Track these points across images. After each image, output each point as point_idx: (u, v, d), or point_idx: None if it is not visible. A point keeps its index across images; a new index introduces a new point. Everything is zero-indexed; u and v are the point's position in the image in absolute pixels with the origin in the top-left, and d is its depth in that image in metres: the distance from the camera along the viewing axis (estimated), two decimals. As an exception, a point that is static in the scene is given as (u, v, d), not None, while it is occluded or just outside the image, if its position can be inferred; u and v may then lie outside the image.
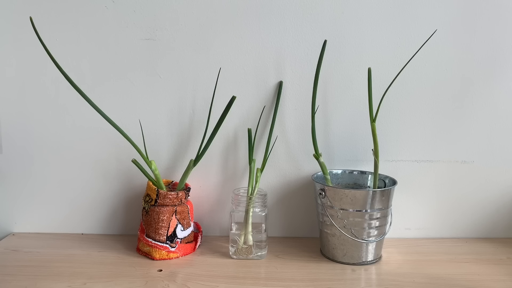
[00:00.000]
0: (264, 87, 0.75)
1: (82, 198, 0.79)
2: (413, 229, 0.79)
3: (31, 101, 0.75)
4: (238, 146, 0.77)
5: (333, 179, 0.75)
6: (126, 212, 0.79)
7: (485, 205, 0.78)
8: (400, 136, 0.76)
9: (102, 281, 0.61)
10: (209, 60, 0.74)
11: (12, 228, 0.80)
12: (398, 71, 0.66)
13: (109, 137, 0.76)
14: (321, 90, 0.74)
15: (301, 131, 0.76)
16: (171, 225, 0.69)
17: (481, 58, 0.74)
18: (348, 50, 0.73)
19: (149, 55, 0.74)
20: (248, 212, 0.69)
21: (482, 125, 0.76)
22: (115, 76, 0.74)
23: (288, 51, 0.74)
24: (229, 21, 0.73)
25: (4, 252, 0.71)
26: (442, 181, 0.77)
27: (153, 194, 0.69)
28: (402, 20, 0.72)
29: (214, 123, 0.70)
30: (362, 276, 0.64)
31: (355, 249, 0.67)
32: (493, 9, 0.72)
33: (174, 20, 0.73)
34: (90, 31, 0.73)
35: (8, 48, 0.74)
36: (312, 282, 0.62)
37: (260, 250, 0.70)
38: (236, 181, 0.78)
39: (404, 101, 0.75)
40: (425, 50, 0.67)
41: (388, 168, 0.76)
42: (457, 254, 0.72)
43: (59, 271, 0.65)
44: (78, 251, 0.72)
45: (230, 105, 0.67)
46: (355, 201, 0.65)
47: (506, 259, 0.70)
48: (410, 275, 0.64)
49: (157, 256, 0.69)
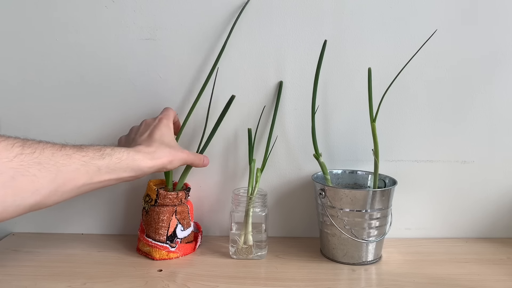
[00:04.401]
0: (264, 87, 0.75)
1: (82, 198, 0.78)
2: (413, 229, 0.79)
3: (31, 101, 0.75)
4: (238, 146, 0.77)
5: (333, 179, 0.75)
6: (126, 212, 0.79)
7: (485, 205, 0.78)
8: (400, 136, 0.76)
9: (102, 281, 0.61)
10: (209, 60, 0.74)
11: (12, 228, 0.80)
12: (398, 71, 0.66)
13: (109, 137, 0.76)
14: (321, 90, 0.74)
15: (301, 131, 0.76)
16: (171, 225, 0.69)
17: (481, 58, 0.74)
18: (348, 50, 0.73)
19: (149, 55, 0.74)
20: (248, 212, 0.69)
21: (482, 125, 0.76)
22: (115, 76, 0.74)
23: (288, 51, 0.74)
24: (229, 21, 0.73)
25: (4, 252, 0.71)
26: (442, 181, 0.77)
27: (153, 194, 0.69)
28: (402, 20, 0.72)
29: (214, 122, 0.71)
30: (362, 276, 0.64)
31: (355, 249, 0.67)
32: (493, 9, 0.72)
33: (174, 20, 0.73)
34: (90, 31, 0.73)
35: (9, 48, 0.74)
36: (312, 282, 0.62)
37: (260, 250, 0.70)
38: (236, 181, 0.78)
39: (404, 101, 0.75)
40: (425, 50, 0.67)
41: (388, 168, 0.76)
42: (457, 254, 0.72)
43: (59, 271, 0.65)
44: (78, 251, 0.72)
45: (229, 104, 0.67)
46: (355, 201, 0.65)
47: (506, 259, 0.70)
48: (410, 275, 0.64)
49: (157, 256, 0.69)
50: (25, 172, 0.44)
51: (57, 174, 0.47)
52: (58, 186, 0.47)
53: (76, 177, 0.49)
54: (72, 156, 0.49)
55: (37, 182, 0.45)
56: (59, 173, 0.47)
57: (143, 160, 0.57)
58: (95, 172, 0.51)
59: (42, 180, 0.45)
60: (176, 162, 0.62)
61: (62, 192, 0.48)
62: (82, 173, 0.49)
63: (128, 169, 0.55)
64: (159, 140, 0.62)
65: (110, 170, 0.53)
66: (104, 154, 0.52)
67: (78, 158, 0.49)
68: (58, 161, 0.47)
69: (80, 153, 0.50)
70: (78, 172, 0.49)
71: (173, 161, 0.61)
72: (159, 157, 0.59)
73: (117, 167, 0.53)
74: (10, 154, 0.43)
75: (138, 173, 0.56)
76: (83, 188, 0.51)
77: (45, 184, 0.46)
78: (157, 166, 0.59)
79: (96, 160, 0.51)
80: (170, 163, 0.61)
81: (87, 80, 0.75)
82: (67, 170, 0.48)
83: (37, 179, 0.45)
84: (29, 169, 0.44)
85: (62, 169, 0.47)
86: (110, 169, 0.53)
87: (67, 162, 0.48)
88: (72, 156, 0.49)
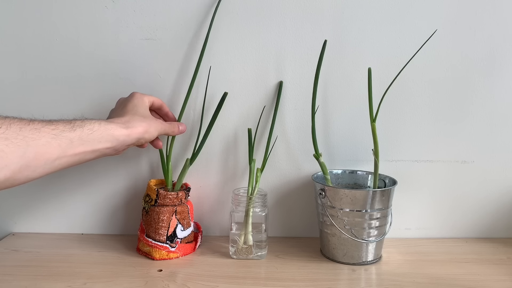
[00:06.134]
0: (264, 87, 0.75)
1: (82, 198, 0.79)
2: (413, 229, 0.79)
3: (30, 101, 0.75)
4: (238, 146, 0.77)
5: (333, 179, 0.75)
6: (126, 212, 0.79)
7: (485, 205, 0.78)
8: (400, 136, 0.76)
9: (102, 281, 0.61)
10: (209, 59, 0.74)
11: (12, 228, 0.80)
12: (398, 71, 0.66)
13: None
14: (321, 90, 0.74)
15: (301, 131, 0.76)
16: (171, 225, 0.69)
17: (481, 58, 0.74)
18: (348, 50, 0.73)
19: (149, 55, 0.74)
20: (248, 212, 0.69)
21: (482, 125, 0.76)
22: (115, 76, 0.74)
23: (288, 51, 0.74)
24: (229, 21, 0.73)
25: (4, 252, 0.71)
26: (442, 181, 0.77)
27: (153, 194, 0.69)
28: (402, 20, 0.72)
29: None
30: (362, 276, 0.64)
31: (355, 249, 0.67)
32: (493, 9, 0.72)
33: (174, 20, 0.73)
34: (90, 31, 0.73)
35: (8, 48, 0.74)
36: (312, 282, 0.62)
37: (260, 250, 0.70)
38: (236, 181, 0.78)
39: (404, 101, 0.75)
40: (425, 50, 0.67)
41: (388, 168, 0.76)
42: (457, 254, 0.72)
43: (59, 271, 0.65)
44: (78, 251, 0.72)
45: (222, 101, 0.67)
46: (355, 201, 0.65)
47: (506, 259, 0.70)
48: (410, 275, 0.64)
49: (157, 256, 0.69)
50: None
51: (27, 149, 0.46)
52: (29, 160, 0.46)
53: (47, 151, 0.48)
54: (41, 130, 0.48)
55: (5, 158, 0.44)
56: (28, 147, 0.46)
57: (117, 129, 0.56)
58: (67, 145, 0.50)
59: (10, 155, 0.44)
60: (152, 131, 0.61)
61: (34, 167, 0.47)
62: (54, 146, 0.48)
63: (102, 139, 0.54)
64: (131, 110, 0.61)
65: (83, 141, 0.51)
66: (74, 126, 0.51)
67: (47, 131, 0.48)
68: (26, 135, 0.46)
69: (49, 126, 0.49)
70: (49, 145, 0.48)
71: (148, 130, 0.60)
72: (134, 126, 0.58)
73: (90, 138, 0.52)
74: None
75: (114, 143, 0.55)
76: (58, 162, 0.49)
77: (14, 159, 0.45)
78: (133, 136, 0.58)
79: (67, 133, 0.50)
80: (147, 132, 0.60)
81: (87, 80, 0.75)
82: (37, 144, 0.47)
83: (5, 154, 0.44)
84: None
85: (31, 144, 0.46)
86: (83, 141, 0.51)
87: (36, 136, 0.47)
88: (41, 130, 0.48)
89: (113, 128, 0.55)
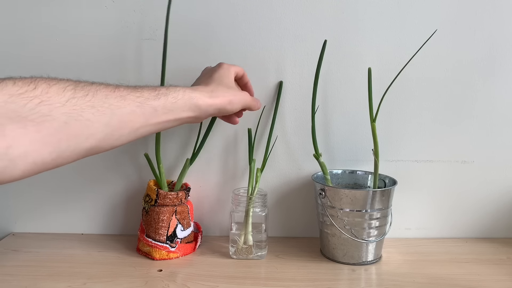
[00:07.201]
0: (264, 87, 0.75)
1: (82, 198, 0.79)
2: (413, 229, 0.79)
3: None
4: (238, 146, 0.77)
5: (333, 179, 0.75)
6: (126, 212, 0.79)
7: (485, 205, 0.78)
8: (400, 136, 0.76)
9: (102, 281, 0.61)
10: (209, 60, 0.73)
11: (12, 228, 0.80)
12: (398, 71, 0.66)
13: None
14: (321, 90, 0.74)
15: (301, 131, 0.76)
16: (171, 225, 0.69)
17: (481, 58, 0.74)
18: (348, 50, 0.73)
19: (149, 55, 0.74)
20: (248, 212, 0.69)
21: (482, 125, 0.76)
22: (115, 76, 0.74)
23: (288, 51, 0.74)
24: (229, 21, 0.73)
25: (4, 252, 0.71)
26: (442, 181, 0.77)
27: (153, 194, 0.69)
28: (402, 20, 0.72)
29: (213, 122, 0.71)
30: (362, 276, 0.64)
31: (355, 249, 0.67)
32: (493, 9, 0.72)
33: (174, 20, 0.73)
34: (90, 30, 0.73)
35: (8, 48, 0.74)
36: (312, 282, 0.62)
37: (260, 250, 0.70)
38: (236, 181, 0.78)
39: (404, 101, 0.75)
40: (425, 50, 0.67)
41: (388, 168, 0.76)
42: (457, 254, 0.72)
43: (59, 271, 0.65)
44: (78, 251, 0.72)
45: None
46: (355, 201, 0.65)
47: (506, 259, 0.70)
48: (410, 275, 0.64)
49: (157, 256, 0.69)
50: (79, 116, 0.42)
51: (112, 117, 0.45)
52: (114, 129, 0.45)
53: (132, 120, 0.47)
54: (126, 97, 0.46)
55: (91, 127, 0.43)
56: (113, 116, 0.45)
57: (201, 97, 0.54)
58: (151, 114, 0.49)
59: (96, 124, 0.43)
60: (236, 103, 0.59)
61: (118, 135, 0.46)
62: (138, 115, 0.47)
63: (185, 107, 0.52)
64: (217, 80, 0.59)
65: (167, 110, 0.50)
66: (159, 94, 0.50)
67: (132, 99, 0.47)
68: (112, 103, 0.45)
69: (134, 93, 0.48)
70: (134, 114, 0.47)
71: (232, 100, 0.58)
72: (218, 95, 0.56)
73: (174, 107, 0.51)
74: (62, 99, 0.41)
75: (197, 113, 0.54)
76: (141, 131, 0.49)
77: (99, 128, 0.44)
78: (216, 105, 0.56)
79: (152, 101, 0.49)
80: (230, 103, 0.58)
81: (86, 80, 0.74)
82: (122, 112, 0.46)
83: (91, 123, 0.43)
84: (82, 114, 0.42)
85: (116, 112, 0.45)
86: (167, 109, 0.50)
87: (121, 104, 0.46)
88: (126, 97, 0.46)
89: (197, 97, 0.54)
